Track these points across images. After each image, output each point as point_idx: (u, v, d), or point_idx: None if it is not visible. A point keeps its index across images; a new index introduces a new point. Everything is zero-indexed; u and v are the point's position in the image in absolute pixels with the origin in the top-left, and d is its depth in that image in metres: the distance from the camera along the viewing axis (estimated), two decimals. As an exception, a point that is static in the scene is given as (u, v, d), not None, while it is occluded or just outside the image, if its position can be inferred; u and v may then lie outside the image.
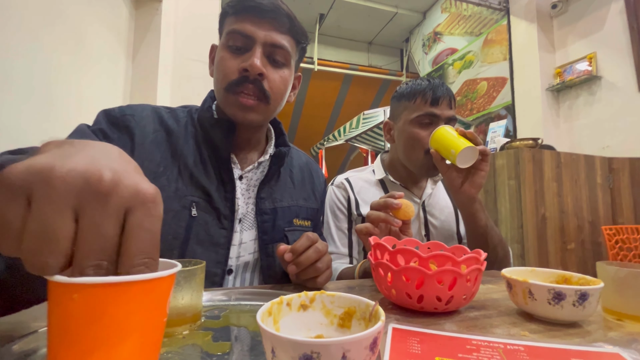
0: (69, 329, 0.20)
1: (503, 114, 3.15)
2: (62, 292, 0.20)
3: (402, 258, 0.44)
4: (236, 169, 0.63)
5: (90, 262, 0.20)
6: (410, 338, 0.36)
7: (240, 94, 0.57)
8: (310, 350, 0.22)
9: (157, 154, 0.56)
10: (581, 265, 1.78)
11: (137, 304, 0.20)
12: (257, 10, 0.56)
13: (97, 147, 0.23)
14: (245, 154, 0.66)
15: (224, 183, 0.60)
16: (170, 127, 0.60)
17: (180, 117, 0.63)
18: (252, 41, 0.57)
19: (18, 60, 0.85)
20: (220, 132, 0.59)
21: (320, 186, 0.79)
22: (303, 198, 0.72)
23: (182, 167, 0.58)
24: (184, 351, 0.33)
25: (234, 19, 0.58)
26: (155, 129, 0.58)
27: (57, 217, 0.18)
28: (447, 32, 4.03)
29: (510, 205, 1.72)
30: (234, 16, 0.58)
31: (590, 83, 2.61)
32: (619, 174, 1.95)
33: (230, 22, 0.58)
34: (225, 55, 0.58)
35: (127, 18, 1.46)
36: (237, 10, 0.57)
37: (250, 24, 0.56)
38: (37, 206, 0.18)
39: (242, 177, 0.64)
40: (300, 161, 0.77)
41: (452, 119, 0.81)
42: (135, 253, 0.20)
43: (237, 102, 0.57)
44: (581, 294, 0.39)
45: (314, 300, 0.33)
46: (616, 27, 2.46)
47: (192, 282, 0.38)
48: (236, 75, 0.56)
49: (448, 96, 0.80)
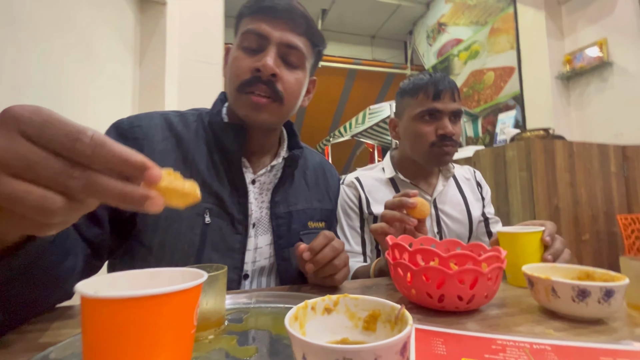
0: (100, 342, 0.20)
1: (511, 104, 3.09)
2: (91, 307, 0.20)
3: (422, 258, 0.44)
4: (248, 173, 0.62)
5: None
6: (434, 339, 0.36)
7: (252, 93, 0.56)
8: (342, 356, 0.23)
9: (168, 162, 0.56)
10: (596, 256, 1.76)
11: (166, 316, 0.21)
12: (273, 11, 0.56)
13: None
14: (257, 157, 0.65)
15: (236, 188, 0.60)
16: (180, 133, 0.59)
17: (190, 122, 0.62)
18: (267, 41, 0.56)
19: (29, 67, 0.86)
20: (231, 136, 0.59)
21: (335, 186, 0.79)
22: (317, 200, 0.72)
23: (194, 173, 0.58)
24: (211, 356, 0.33)
25: (249, 20, 0.57)
26: (164, 137, 0.58)
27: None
28: (452, 22, 3.96)
29: (522, 197, 1.70)
30: (249, 17, 0.57)
31: (601, 69, 2.54)
32: (633, 162, 1.90)
33: (246, 22, 0.58)
34: (239, 55, 0.57)
35: (132, 22, 1.47)
36: (253, 11, 0.57)
37: (266, 24, 0.56)
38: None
39: (255, 181, 0.63)
40: (314, 162, 0.76)
41: (457, 113, 0.81)
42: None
43: (249, 102, 0.56)
44: (607, 290, 0.38)
45: (337, 303, 0.33)
46: (627, 11, 2.39)
47: (216, 287, 0.39)
48: (248, 75, 0.55)
49: (450, 89, 0.79)
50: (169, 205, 0.23)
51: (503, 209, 1.78)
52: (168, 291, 0.20)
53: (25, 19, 0.85)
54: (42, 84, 0.91)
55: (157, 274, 0.27)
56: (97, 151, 0.21)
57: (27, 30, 0.85)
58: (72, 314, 0.44)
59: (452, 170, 0.92)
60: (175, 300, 0.21)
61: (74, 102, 1.05)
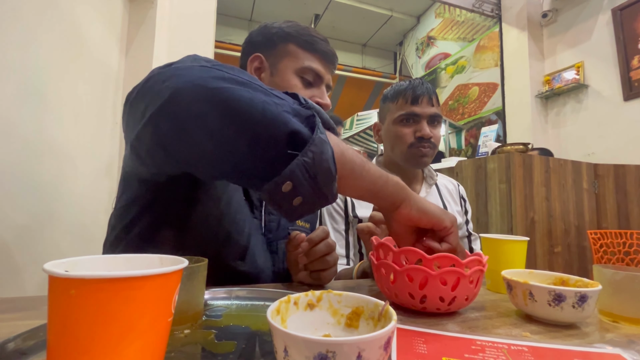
0: (68, 326, 0.19)
1: (494, 119, 3.20)
2: (60, 287, 0.18)
3: (406, 258, 0.44)
4: None
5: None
6: (415, 338, 0.36)
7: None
8: (325, 349, 0.22)
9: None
10: (567, 268, 1.83)
11: (140, 301, 0.19)
12: (328, 57, 0.64)
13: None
14: None
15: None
16: None
17: None
18: (321, 80, 0.64)
19: (11, 53, 0.82)
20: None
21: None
22: None
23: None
24: (186, 350, 0.32)
25: (303, 54, 0.63)
26: None
27: None
28: (441, 37, 4.08)
29: (500, 209, 1.75)
30: (305, 51, 0.63)
31: (577, 91, 2.68)
32: (604, 180, 2.00)
33: (301, 54, 0.63)
34: (295, 83, 0.62)
35: (121, 11, 1.43)
36: (311, 49, 0.63)
37: (321, 67, 0.64)
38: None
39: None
40: None
41: (435, 117, 0.84)
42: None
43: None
44: (581, 295, 0.39)
45: (320, 299, 0.33)
46: (603, 37, 2.53)
47: (194, 280, 0.37)
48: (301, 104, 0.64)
49: (428, 94, 0.83)
50: None
51: (482, 219, 1.82)
52: (145, 274, 0.19)
53: (10, 6, 0.81)
54: (26, 70, 0.86)
55: (133, 259, 0.25)
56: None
57: (12, 17, 0.81)
58: (26, 306, 0.41)
59: (435, 178, 0.93)
60: (153, 284, 0.20)
61: (59, 89, 1.01)
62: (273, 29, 0.64)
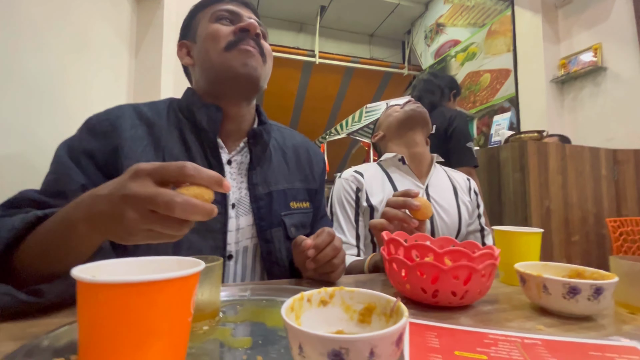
0: (96, 328, 0.20)
1: (506, 106, 3.12)
2: (88, 292, 0.20)
3: (417, 253, 0.44)
4: (224, 154, 0.63)
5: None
6: (428, 332, 0.36)
7: (243, 45, 0.60)
8: (339, 346, 0.23)
9: (138, 147, 0.56)
10: (585, 257, 1.79)
11: (163, 304, 0.20)
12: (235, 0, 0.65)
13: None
14: (233, 139, 0.66)
15: (212, 167, 0.59)
16: (151, 120, 0.60)
17: (161, 109, 0.63)
18: (239, 17, 0.63)
19: (22, 58, 0.84)
20: (207, 116, 0.60)
21: (319, 165, 0.77)
22: (299, 180, 0.71)
23: (167, 158, 0.58)
24: (206, 346, 0.33)
25: (210, 7, 0.64)
26: (133, 125, 0.58)
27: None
28: (450, 23, 3.98)
29: (514, 198, 1.72)
30: (210, 6, 0.64)
31: (595, 74, 2.58)
32: (623, 166, 1.94)
33: (208, 9, 0.64)
34: (216, 26, 0.61)
35: (129, 14, 1.45)
36: (213, 1, 0.64)
37: (233, 5, 0.64)
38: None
39: (231, 162, 0.64)
40: (294, 141, 0.75)
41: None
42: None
43: (242, 51, 0.59)
44: (596, 288, 0.39)
45: (333, 296, 0.33)
46: (622, 17, 2.42)
47: (211, 278, 0.39)
48: (233, 36, 0.60)
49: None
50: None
51: (496, 209, 1.80)
52: (166, 277, 0.20)
53: (22, 11, 0.83)
54: (36, 74, 0.89)
55: (153, 262, 0.26)
56: (196, 170, 0.32)
57: (23, 22, 0.84)
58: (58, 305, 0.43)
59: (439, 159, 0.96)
60: (174, 287, 0.21)
61: (69, 93, 1.04)
62: (184, 19, 0.69)
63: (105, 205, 0.33)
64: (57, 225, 0.39)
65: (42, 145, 0.90)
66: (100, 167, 0.54)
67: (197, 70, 0.64)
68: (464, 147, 1.49)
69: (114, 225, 0.33)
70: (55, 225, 0.39)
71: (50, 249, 0.39)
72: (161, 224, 0.32)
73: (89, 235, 0.36)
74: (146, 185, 0.32)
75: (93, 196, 0.35)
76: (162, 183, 0.33)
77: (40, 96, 0.90)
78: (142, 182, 0.32)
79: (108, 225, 0.34)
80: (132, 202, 0.31)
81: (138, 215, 0.31)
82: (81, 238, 0.37)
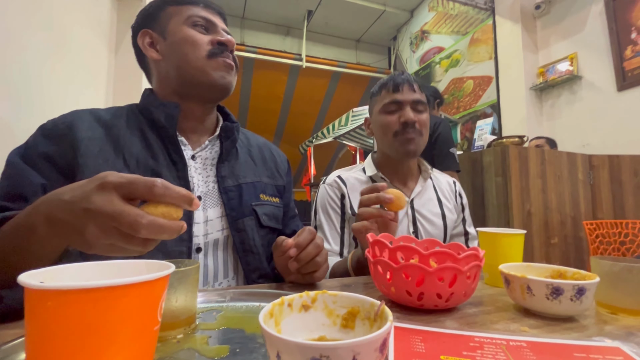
0: (47, 340, 0.17)
1: (489, 112, 3.20)
2: (35, 299, 0.17)
3: (402, 255, 0.43)
4: (187, 150, 0.64)
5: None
6: (413, 337, 0.35)
7: (224, 58, 0.63)
8: (319, 353, 0.21)
9: (95, 148, 0.56)
10: (564, 259, 1.84)
11: (123, 311, 0.18)
12: (209, 4, 0.66)
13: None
14: (197, 136, 0.67)
15: (174, 163, 0.61)
16: (109, 122, 0.60)
17: (120, 112, 0.64)
18: (214, 25, 0.65)
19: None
20: (164, 112, 0.62)
21: (284, 164, 0.81)
22: (267, 176, 0.73)
23: (128, 157, 0.58)
24: (179, 356, 0.31)
25: (184, 8, 0.64)
26: (90, 127, 0.58)
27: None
28: (434, 30, 4.07)
29: (497, 202, 1.75)
30: (183, 5, 0.64)
31: (571, 83, 2.68)
32: (599, 171, 2.01)
33: (182, 9, 0.64)
34: (194, 32, 0.63)
35: (109, 10, 1.40)
36: (187, 2, 0.64)
37: (207, 13, 0.65)
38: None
39: (195, 157, 0.65)
40: (258, 142, 0.79)
41: (418, 101, 0.85)
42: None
43: (224, 63, 0.63)
44: (579, 288, 0.39)
45: (315, 300, 0.32)
46: (596, 28, 2.53)
47: (186, 284, 0.37)
48: (211, 46, 0.62)
49: (408, 81, 0.85)
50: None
51: (479, 212, 1.83)
52: (125, 282, 0.18)
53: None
54: (8, 69, 0.84)
55: (120, 265, 0.24)
56: (165, 190, 0.31)
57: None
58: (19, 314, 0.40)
59: (429, 172, 0.93)
60: (135, 292, 0.19)
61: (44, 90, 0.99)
62: (148, 6, 0.67)
63: (66, 214, 0.32)
64: (15, 229, 0.36)
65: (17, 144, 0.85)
66: (61, 169, 0.53)
67: (165, 67, 0.65)
68: (447, 153, 1.54)
69: (74, 236, 0.31)
70: (13, 229, 0.36)
71: (10, 254, 0.37)
72: (124, 241, 0.30)
73: (50, 239, 0.34)
74: (111, 201, 0.30)
75: (54, 200, 0.33)
76: (129, 199, 0.31)
77: (14, 95, 0.85)
78: (107, 196, 0.30)
79: (68, 233, 0.32)
80: (95, 217, 0.30)
81: (99, 230, 0.30)
82: (41, 242, 0.34)
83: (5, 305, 0.37)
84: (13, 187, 0.49)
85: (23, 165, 0.51)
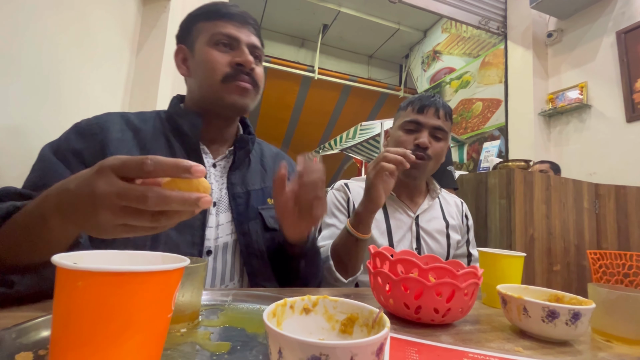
0: (72, 318, 0.19)
1: (496, 134, 3.22)
2: (67, 279, 0.19)
3: (402, 268, 0.45)
4: (208, 158, 0.68)
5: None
6: (409, 348, 0.36)
7: (238, 81, 0.64)
8: (319, 352, 0.23)
9: (123, 150, 0.59)
10: (566, 286, 1.81)
11: (143, 296, 0.20)
12: (231, 16, 0.66)
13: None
14: (217, 145, 0.71)
15: None
16: (137, 127, 0.64)
17: (148, 117, 0.67)
18: (237, 42, 0.65)
19: (26, 52, 0.84)
20: (188, 122, 0.65)
21: (294, 172, 0.83)
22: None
23: None
24: (182, 348, 0.33)
25: (211, 24, 0.65)
26: (121, 129, 0.62)
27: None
28: (446, 51, 4.13)
29: (500, 225, 1.74)
30: (209, 21, 0.66)
31: (580, 111, 2.69)
32: (604, 200, 2.00)
33: (209, 26, 0.65)
34: (215, 53, 0.64)
35: (134, 12, 1.46)
36: (212, 17, 0.65)
37: (233, 28, 0.65)
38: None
39: (216, 165, 0.69)
40: (271, 152, 0.83)
41: (438, 129, 0.84)
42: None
43: (238, 87, 0.64)
44: (574, 313, 0.40)
45: (316, 304, 0.33)
46: (607, 59, 2.56)
47: (194, 280, 0.38)
48: (229, 68, 0.64)
49: (435, 106, 0.85)
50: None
51: (482, 234, 1.82)
52: (149, 270, 0.20)
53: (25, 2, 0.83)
54: (38, 66, 0.88)
55: (137, 255, 0.26)
56: (156, 165, 0.30)
57: (24, 11, 0.84)
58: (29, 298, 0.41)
59: (438, 191, 0.94)
60: (156, 280, 0.20)
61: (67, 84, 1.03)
62: (186, 18, 0.70)
63: (75, 202, 0.33)
64: (28, 217, 0.38)
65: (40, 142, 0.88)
66: (89, 166, 0.55)
67: (191, 84, 0.69)
68: (445, 171, 1.55)
69: (87, 222, 0.33)
70: (26, 217, 0.38)
71: (23, 241, 0.39)
72: (134, 218, 0.31)
73: (62, 227, 0.36)
74: (113, 182, 0.31)
75: (62, 191, 0.35)
76: (128, 179, 0.32)
77: (44, 93, 0.89)
78: (107, 178, 0.31)
79: (80, 221, 0.33)
80: (102, 200, 0.30)
81: (109, 212, 0.31)
82: (53, 230, 0.36)
83: (16, 291, 0.39)
84: (41, 177, 0.51)
85: (54, 158, 0.54)
